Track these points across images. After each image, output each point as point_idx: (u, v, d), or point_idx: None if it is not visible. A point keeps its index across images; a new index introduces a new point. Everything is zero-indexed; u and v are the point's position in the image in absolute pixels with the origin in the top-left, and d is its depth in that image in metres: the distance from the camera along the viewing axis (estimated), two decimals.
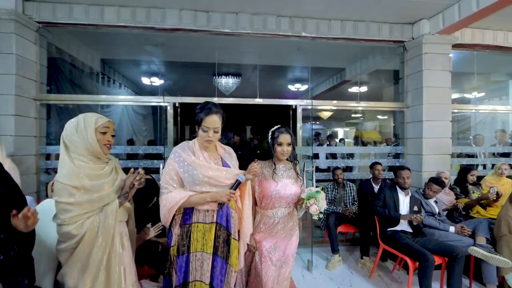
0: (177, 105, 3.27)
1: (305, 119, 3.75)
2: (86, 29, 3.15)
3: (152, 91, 5.37)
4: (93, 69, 4.16)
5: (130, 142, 5.12)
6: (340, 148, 4.09)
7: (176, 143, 3.91)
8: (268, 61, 4.73)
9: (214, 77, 5.09)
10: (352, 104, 3.77)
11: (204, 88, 5.99)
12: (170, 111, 3.30)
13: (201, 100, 3.37)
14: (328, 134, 7.76)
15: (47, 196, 2.57)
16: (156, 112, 5.97)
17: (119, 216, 1.34)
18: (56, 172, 3.51)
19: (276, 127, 1.80)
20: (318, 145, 5.45)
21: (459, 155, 4.37)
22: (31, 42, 3.00)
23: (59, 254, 1.27)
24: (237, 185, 1.45)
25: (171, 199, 1.41)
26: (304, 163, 2.88)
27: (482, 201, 3.08)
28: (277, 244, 1.74)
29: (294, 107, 3.53)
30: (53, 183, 2.20)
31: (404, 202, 2.67)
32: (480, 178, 3.54)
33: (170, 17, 3.12)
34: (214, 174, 1.45)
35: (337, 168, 3.38)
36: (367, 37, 3.51)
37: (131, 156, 3.93)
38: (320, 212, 1.69)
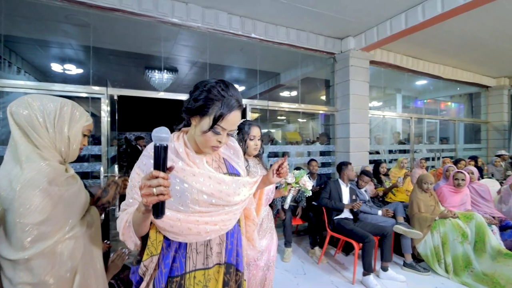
0: (115, 97, 2.79)
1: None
2: None
3: (64, 81, 4.39)
4: None
5: None
6: (281, 147, 4.36)
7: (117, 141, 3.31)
8: (209, 59, 4.59)
9: (146, 70, 4.60)
10: (294, 106, 4.07)
11: (134, 82, 5.33)
12: (105, 106, 2.78)
13: (144, 93, 2.99)
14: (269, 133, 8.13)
15: None
16: None
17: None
18: None
19: (241, 120, 1.69)
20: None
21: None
22: None
23: None
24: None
25: (119, 224, 0.89)
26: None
27: (393, 189, 3.84)
28: (263, 247, 1.70)
29: (244, 106, 3.54)
30: None
31: (345, 193, 3.06)
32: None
33: None
34: (214, 188, 0.92)
35: (312, 160, 3.63)
36: (307, 46, 3.86)
37: None
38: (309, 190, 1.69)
